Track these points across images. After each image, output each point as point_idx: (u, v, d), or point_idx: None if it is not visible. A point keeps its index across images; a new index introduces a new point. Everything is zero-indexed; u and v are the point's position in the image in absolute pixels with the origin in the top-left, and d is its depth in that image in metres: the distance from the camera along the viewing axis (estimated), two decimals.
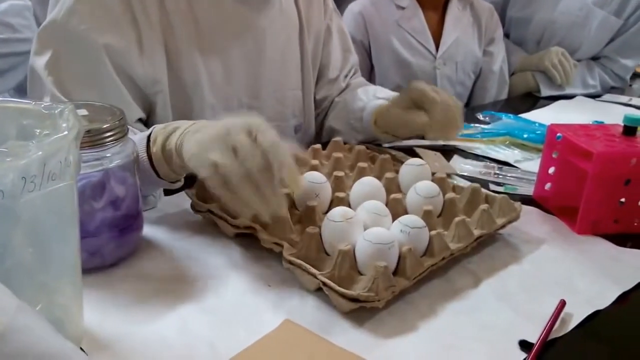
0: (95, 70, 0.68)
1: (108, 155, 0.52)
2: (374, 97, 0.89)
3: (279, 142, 0.53)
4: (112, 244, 0.54)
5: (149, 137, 0.60)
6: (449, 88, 1.32)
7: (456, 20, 1.30)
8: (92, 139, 0.50)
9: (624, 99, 1.34)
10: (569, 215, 0.68)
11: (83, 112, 0.53)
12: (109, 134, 0.51)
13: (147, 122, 0.75)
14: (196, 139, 0.55)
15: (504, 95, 1.40)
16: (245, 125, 0.53)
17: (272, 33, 0.82)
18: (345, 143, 0.80)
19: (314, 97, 0.95)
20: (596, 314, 0.52)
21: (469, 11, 1.33)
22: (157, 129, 0.60)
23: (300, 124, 0.92)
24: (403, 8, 1.28)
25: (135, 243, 0.58)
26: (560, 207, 0.71)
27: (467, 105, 1.38)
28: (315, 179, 0.62)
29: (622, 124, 0.69)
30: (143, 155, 0.59)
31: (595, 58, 1.49)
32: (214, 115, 0.77)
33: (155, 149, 0.59)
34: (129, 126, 0.55)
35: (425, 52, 1.29)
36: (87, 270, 0.51)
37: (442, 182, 0.68)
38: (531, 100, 1.31)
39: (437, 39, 1.29)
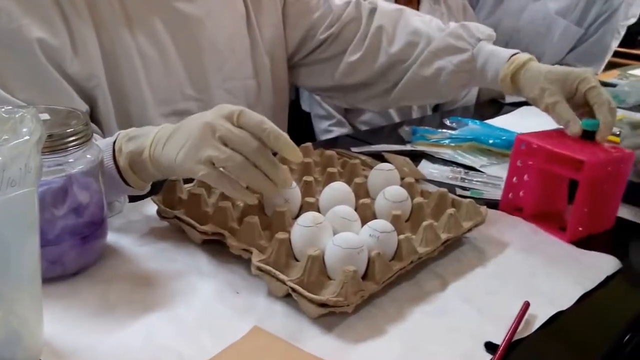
0: (34, 67, 0.66)
1: (71, 160, 0.51)
2: (476, 39, 0.83)
3: (263, 118, 0.54)
4: (73, 252, 0.53)
5: (114, 144, 0.59)
6: None
7: (428, 14, 1.31)
8: (53, 144, 0.49)
9: None
10: (545, 221, 0.69)
11: (45, 116, 0.51)
12: (71, 138, 0.50)
13: (91, 116, 0.74)
14: (177, 143, 0.55)
15: (475, 92, 1.41)
16: (223, 114, 0.54)
17: (213, 23, 0.81)
18: (315, 148, 0.80)
19: (303, 57, 0.94)
20: (559, 314, 0.53)
21: (442, 6, 1.35)
22: (121, 138, 0.59)
23: None
24: None
25: (99, 251, 0.56)
26: (536, 214, 0.71)
27: (437, 106, 1.39)
28: None
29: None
30: (109, 163, 0.58)
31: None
32: (155, 108, 0.76)
33: (122, 160, 0.58)
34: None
35: None
36: (48, 279, 0.49)
37: (410, 187, 0.68)
38: (496, 106, 1.33)
39: None
